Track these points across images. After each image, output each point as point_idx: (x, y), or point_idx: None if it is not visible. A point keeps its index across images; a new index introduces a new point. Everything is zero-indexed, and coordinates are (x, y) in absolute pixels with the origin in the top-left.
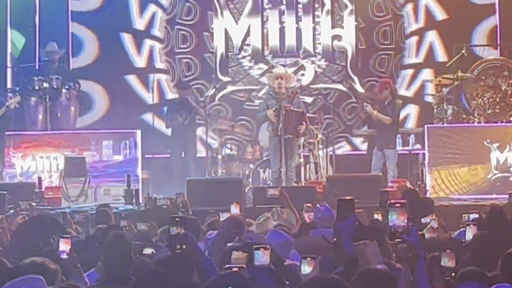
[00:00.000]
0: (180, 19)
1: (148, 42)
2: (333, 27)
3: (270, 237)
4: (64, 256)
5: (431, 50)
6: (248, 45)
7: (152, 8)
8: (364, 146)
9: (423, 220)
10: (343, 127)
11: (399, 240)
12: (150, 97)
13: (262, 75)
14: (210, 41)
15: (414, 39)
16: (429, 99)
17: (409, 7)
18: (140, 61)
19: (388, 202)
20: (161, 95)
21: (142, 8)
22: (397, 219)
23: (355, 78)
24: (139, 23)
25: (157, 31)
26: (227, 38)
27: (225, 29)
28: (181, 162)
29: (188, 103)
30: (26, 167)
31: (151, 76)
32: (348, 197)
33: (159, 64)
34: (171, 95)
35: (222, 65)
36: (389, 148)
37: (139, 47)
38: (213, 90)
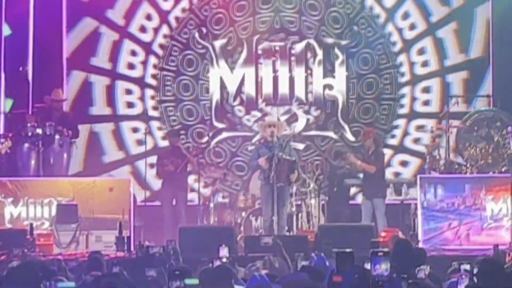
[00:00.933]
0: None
1: (140, 89)
2: (324, 76)
3: (249, 282)
4: None
5: (425, 100)
6: (242, 93)
7: (144, 55)
8: (357, 196)
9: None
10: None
11: None
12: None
13: (255, 122)
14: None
15: (407, 88)
16: (422, 148)
17: (402, 57)
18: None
19: (371, 251)
20: (154, 143)
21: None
22: (380, 268)
23: (346, 127)
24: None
25: (150, 79)
26: (222, 86)
27: (221, 78)
28: (172, 209)
29: (180, 150)
30: (17, 213)
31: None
32: (347, 250)
33: (151, 112)
34: (162, 143)
35: (217, 112)
36: (377, 197)
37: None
38: (208, 136)
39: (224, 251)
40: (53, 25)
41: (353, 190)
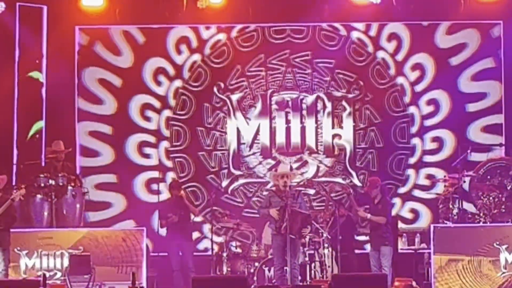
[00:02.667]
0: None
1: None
2: (333, 127)
3: None
4: None
5: (437, 148)
6: (257, 142)
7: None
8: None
9: None
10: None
11: None
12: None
13: (269, 170)
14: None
15: (418, 139)
16: (435, 198)
17: (413, 108)
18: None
19: None
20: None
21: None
22: None
23: (353, 173)
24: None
25: (164, 130)
26: (239, 136)
27: (237, 128)
28: (180, 260)
29: (182, 201)
30: (31, 264)
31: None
32: None
33: (166, 162)
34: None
35: (234, 160)
36: (384, 245)
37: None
38: (227, 182)
39: None
40: (65, 73)
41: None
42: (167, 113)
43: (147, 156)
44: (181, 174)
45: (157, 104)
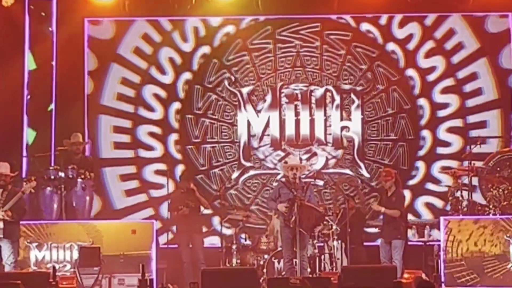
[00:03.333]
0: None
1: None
2: (342, 119)
3: None
4: None
5: (446, 140)
6: (267, 134)
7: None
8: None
9: None
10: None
11: None
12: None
13: (279, 161)
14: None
15: (428, 130)
16: (444, 190)
17: (422, 100)
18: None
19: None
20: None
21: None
22: None
23: (362, 165)
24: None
25: (174, 122)
26: (249, 128)
27: (248, 121)
28: (190, 252)
29: (193, 193)
30: (41, 256)
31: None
32: None
33: (175, 154)
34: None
35: (245, 152)
36: (396, 238)
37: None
38: (237, 173)
39: None
40: (76, 64)
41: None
42: (176, 105)
43: (152, 148)
44: (191, 166)
45: (164, 94)
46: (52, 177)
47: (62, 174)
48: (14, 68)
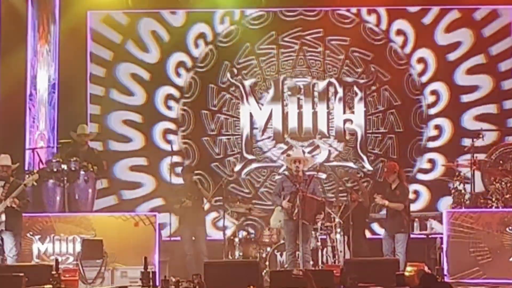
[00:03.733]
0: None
1: (164, 124)
2: (344, 112)
3: None
4: None
5: (450, 133)
6: (270, 127)
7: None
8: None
9: None
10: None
11: None
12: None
13: (282, 154)
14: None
15: (432, 123)
16: (447, 183)
17: (428, 90)
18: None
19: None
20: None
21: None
22: None
23: (364, 157)
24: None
25: (175, 114)
26: (252, 121)
27: (250, 113)
28: (193, 245)
29: (196, 186)
30: (43, 249)
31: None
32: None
33: (176, 147)
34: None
35: (247, 145)
36: (400, 232)
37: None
38: (239, 166)
39: None
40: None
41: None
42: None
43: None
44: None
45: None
46: (55, 169)
47: (64, 167)
48: (16, 60)
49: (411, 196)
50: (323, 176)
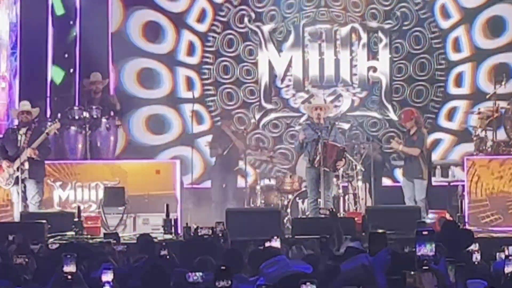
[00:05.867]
0: (223, 50)
1: (185, 72)
2: (368, 59)
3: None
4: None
5: (472, 81)
6: (290, 75)
7: (189, 37)
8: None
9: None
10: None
11: (427, 268)
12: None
13: (303, 103)
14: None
15: (455, 70)
16: (469, 130)
17: (450, 38)
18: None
19: (416, 230)
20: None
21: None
22: (424, 248)
23: (389, 107)
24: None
25: (195, 61)
26: (271, 68)
27: (269, 60)
28: (222, 192)
29: (226, 135)
30: (65, 196)
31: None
32: (380, 230)
33: (197, 94)
34: (207, 125)
35: (266, 94)
36: (417, 177)
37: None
38: (258, 116)
39: (276, 243)
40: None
41: (398, 171)
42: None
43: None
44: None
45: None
46: (77, 117)
47: (86, 114)
48: (40, 9)
49: (432, 143)
50: (346, 126)
